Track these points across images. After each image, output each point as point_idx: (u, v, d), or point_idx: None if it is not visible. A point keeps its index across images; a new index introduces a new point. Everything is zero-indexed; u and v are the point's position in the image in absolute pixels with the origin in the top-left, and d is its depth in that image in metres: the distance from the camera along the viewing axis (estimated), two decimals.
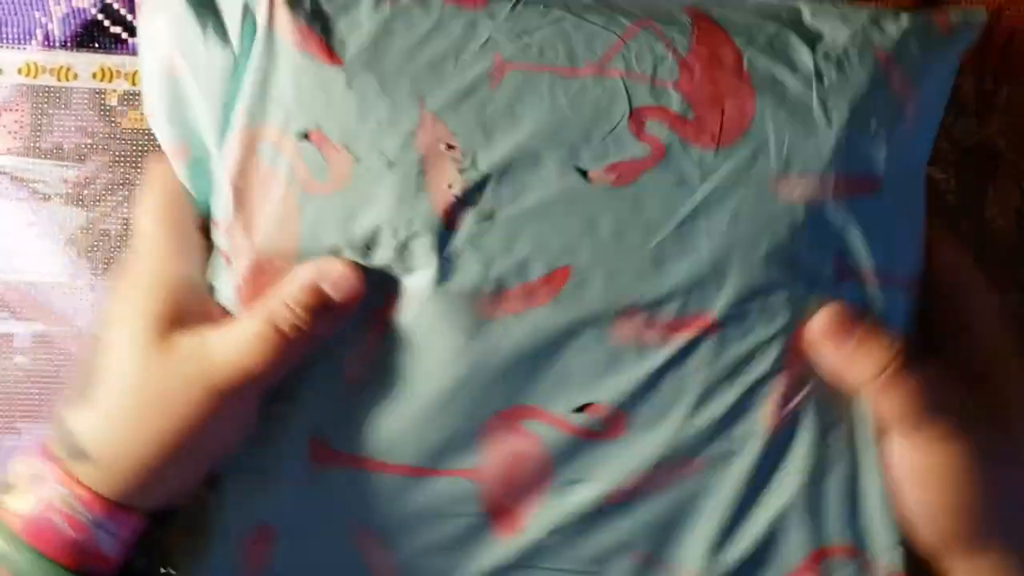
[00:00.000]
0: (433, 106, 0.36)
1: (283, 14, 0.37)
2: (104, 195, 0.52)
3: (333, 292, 0.34)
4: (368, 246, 0.37)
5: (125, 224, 0.51)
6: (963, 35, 0.40)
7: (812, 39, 0.38)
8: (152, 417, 0.32)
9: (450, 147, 0.36)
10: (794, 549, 0.39)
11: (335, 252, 0.37)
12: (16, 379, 0.51)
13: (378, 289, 0.37)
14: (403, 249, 0.37)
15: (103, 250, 0.51)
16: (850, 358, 0.35)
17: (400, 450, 0.38)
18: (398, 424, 0.38)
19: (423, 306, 0.37)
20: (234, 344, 0.33)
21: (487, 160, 0.36)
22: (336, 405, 0.38)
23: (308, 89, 0.36)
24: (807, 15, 0.39)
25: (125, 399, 0.33)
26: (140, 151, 0.52)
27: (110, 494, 0.33)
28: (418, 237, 0.36)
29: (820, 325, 0.36)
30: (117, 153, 0.52)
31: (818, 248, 0.37)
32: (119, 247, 0.51)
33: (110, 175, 0.52)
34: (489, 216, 0.36)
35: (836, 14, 0.39)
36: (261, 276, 0.37)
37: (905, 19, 0.39)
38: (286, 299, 0.34)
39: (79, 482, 0.32)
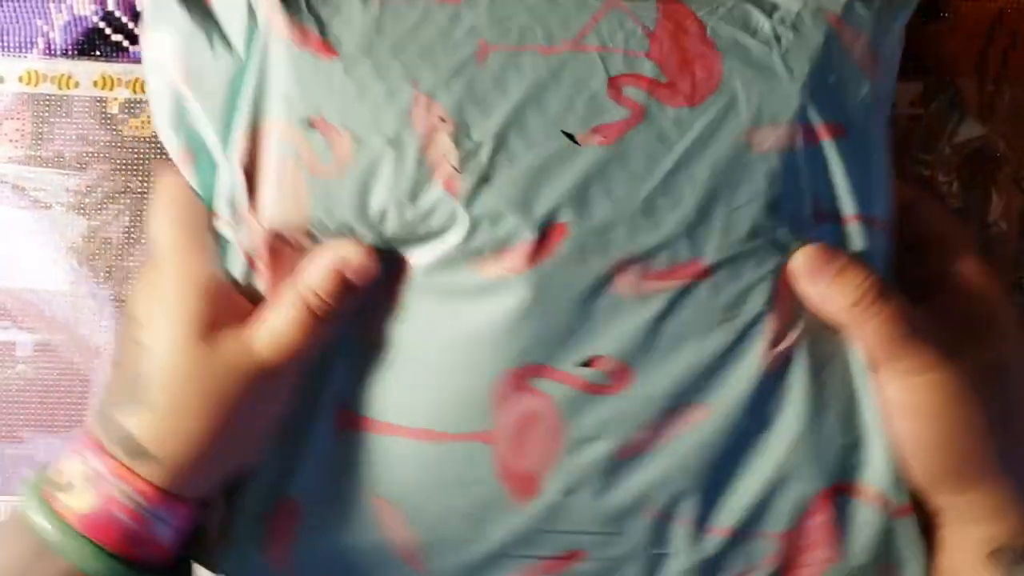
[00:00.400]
0: (425, 86, 0.39)
1: (280, 17, 0.39)
2: (105, 203, 0.52)
3: (354, 277, 0.37)
4: (376, 220, 0.39)
5: (127, 232, 0.51)
6: (906, 1, 0.43)
7: (768, 10, 0.41)
8: (206, 410, 0.35)
9: (443, 121, 0.39)
10: (803, 490, 0.40)
11: (345, 227, 0.39)
12: (18, 387, 0.51)
13: (389, 260, 0.39)
14: (408, 219, 0.39)
15: (105, 258, 0.51)
16: (828, 291, 0.37)
17: (415, 414, 0.40)
18: (412, 388, 0.40)
19: (431, 272, 0.39)
20: (274, 332, 0.36)
21: (479, 130, 0.39)
22: (357, 373, 0.40)
23: (308, 81, 0.39)
24: None
25: (179, 397, 0.35)
26: (141, 159, 0.52)
27: (168, 486, 0.35)
28: (420, 205, 0.39)
29: (799, 264, 0.38)
30: (118, 161, 0.52)
31: (795, 192, 0.39)
32: (121, 255, 0.51)
33: (111, 183, 0.51)
34: (486, 180, 0.39)
35: None
36: (278, 256, 0.39)
37: None
38: (312, 286, 0.37)
39: (139, 476, 0.35)
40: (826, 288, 0.37)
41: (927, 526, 0.41)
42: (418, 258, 0.39)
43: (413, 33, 0.40)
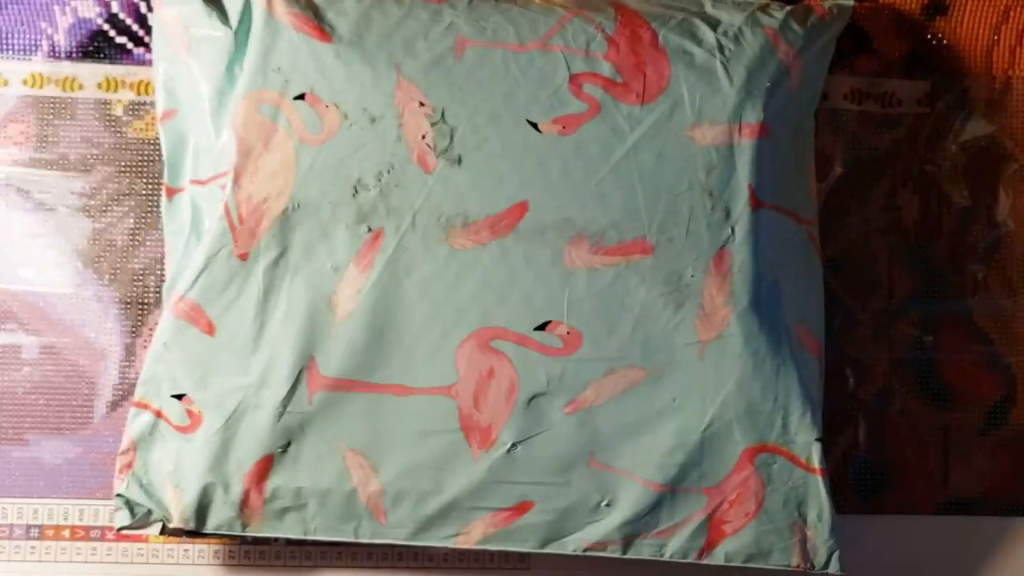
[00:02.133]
0: (408, 73, 0.45)
1: (281, 3, 0.45)
2: (110, 205, 0.51)
3: None
4: (355, 188, 0.45)
5: (132, 234, 0.51)
6: (837, 19, 0.49)
7: (713, 23, 0.47)
8: None
9: (422, 105, 0.44)
10: (731, 449, 0.45)
11: (326, 193, 0.44)
12: (24, 390, 0.51)
13: (364, 228, 0.44)
14: (385, 190, 0.45)
15: (110, 260, 0.51)
16: None
17: (387, 371, 0.44)
18: (385, 348, 0.44)
19: (403, 240, 0.45)
20: None
21: (454, 115, 0.45)
22: (328, 337, 0.44)
23: (303, 60, 0.44)
24: (708, 6, 0.48)
25: None
26: (146, 161, 0.51)
27: None
28: (398, 179, 0.45)
29: None
30: (123, 163, 0.51)
31: (732, 182, 0.45)
32: (126, 257, 0.51)
33: (116, 185, 0.51)
34: (458, 161, 0.45)
35: (731, 4, 0.48)
36: (256, 214, 0.44)
37: (787, 7, 0.49)
38: None
39: None
40: None
41: None
42: (391, 227, 0.44)
43: (398, 25, 0.45)
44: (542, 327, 0.44)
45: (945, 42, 0.55)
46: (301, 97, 0.44)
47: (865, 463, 0.53)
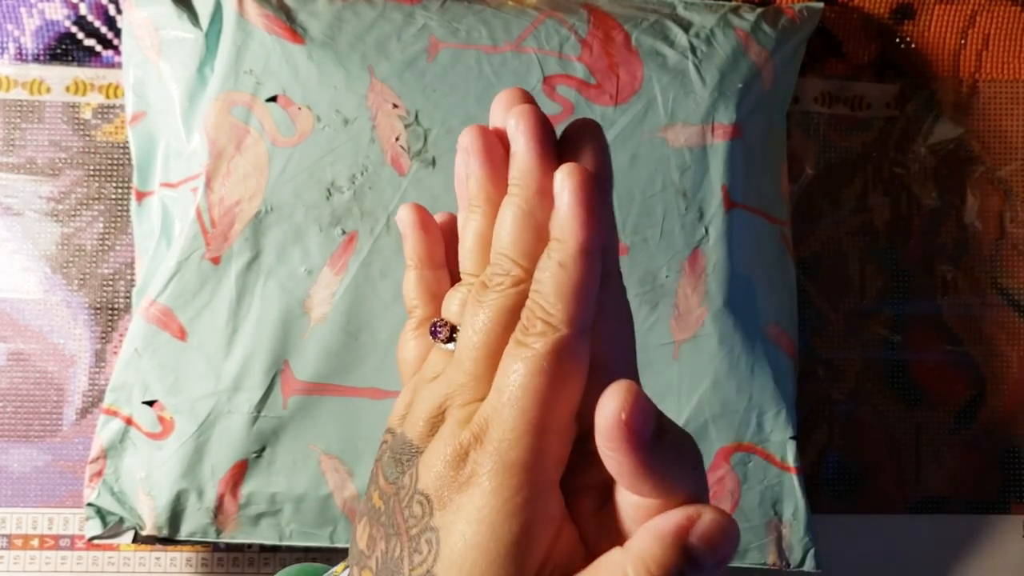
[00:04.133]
0: (381, 74, 0.45)
1: (253, 5, 0.44)
2: (79, 209, 0.51)
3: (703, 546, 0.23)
4: (329, 190, 0.44)
5: (101, 239, 0.51)
6: (807, 21, 0.50)
7: (685, 25, 0.47)
8: None
9: (396, 106, 0.44)
10: (706, 448, 0.45)
11: (299, 196, 0.44)
12: None
13: (338, 230, 0.44)
14: (359, 192, 0.45)
15: (79, 265, 0.51)
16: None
17: (361, 375, 0.44)
18: (359, 351, 0.44)
19: (377, 243, 0.45)
20: None
21: (428, 117, 0.45)
22: (302, 341, 0.44)
23: (275, 62, 0.44)
24: (680, 8, 0.48)
25: None
26: (115, 165, 0.51)
27: None
28: (372, 181, 0.44)
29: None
30: (92, 167, 0.51)
31: (706, 183, 0.46)
32: (95, 262, 0.51)
33: (85, 189, 0.51)
34: (431, 163, 0.45)
35: (702, 5, 0.48)
36: (228, 217, 0.44)
37: (759, 8, 0.49)
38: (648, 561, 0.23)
39: None
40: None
41: None
42: (366, 230, 0.44)
43: (371, 27, 0.45)
44: None
45: (913, 46, 0.56)
46: (273, 99, 0.44)
47: (838, 463, 0.54)
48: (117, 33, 0.51)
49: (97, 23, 0.51)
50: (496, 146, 0.27)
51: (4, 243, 0.50)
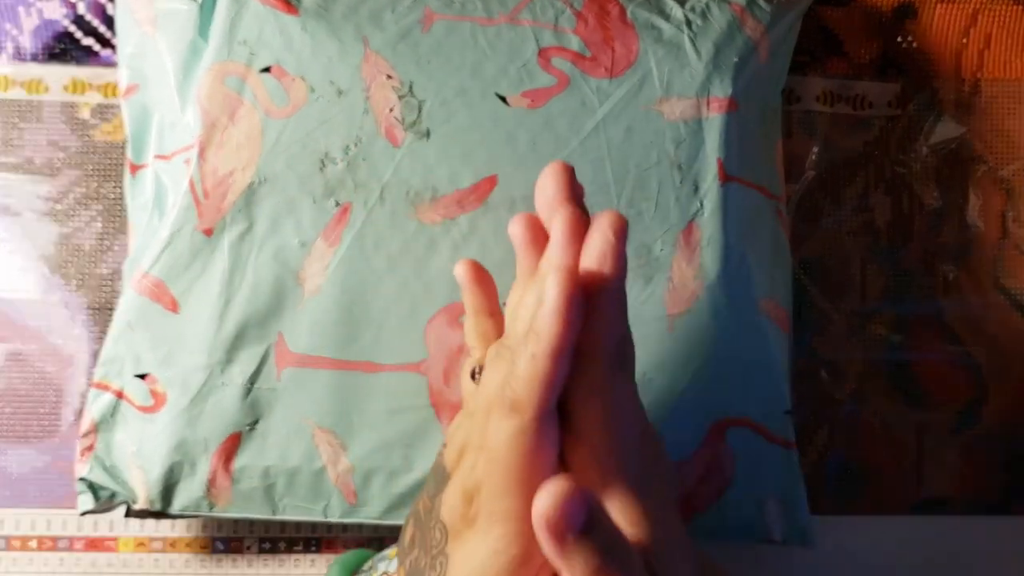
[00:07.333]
0: (375, 45, 0.45)
1: None
2: (77, 209, 0.51)
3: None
4: (323, 161, 0.44)
5: (99, 238, 0.51)
6: None
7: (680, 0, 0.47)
8: None
9: (390, 77, 0.44)
10: (700, 423, 0.45)
11: (292, 167, 0.44)
12: None
13: (332, 202, 0.44)
14: (352, 163, 0.44)
15: (77, 265, 0.50)
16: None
17: (355, 348, 0.44)
18: (353, 324, 0.44)
19: (371, 214, 0.44)
20: None
21: (422, 88, 0.44)
22: (296, 313, 0.44)
23: (269, 33, 0.44)
24: None
25: None
26: (114, 164, 0.51)
27: None
28: (365, 153, 0.44)
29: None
30: (90, 167, 0.51)
31: (701, 156, 0.45)
32: (93, 262, 0.51)
33: (83, 189, 0.51)
34: (425, 135, 0.44)
35: None
36: (221, 188, 0.44)
37: None
38: None
39: None
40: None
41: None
42: (359, 202, 0.44)
43: None
44: None
45: (915, 45, 0.55)
46: (267, 70, 0.44)
47: (840, 464, 0.53)
48: (115, 32, 0.51)
49: (95, 22, 0.51)
50: (541, 238, 0.32)
51: (2, 243, 0.50)
